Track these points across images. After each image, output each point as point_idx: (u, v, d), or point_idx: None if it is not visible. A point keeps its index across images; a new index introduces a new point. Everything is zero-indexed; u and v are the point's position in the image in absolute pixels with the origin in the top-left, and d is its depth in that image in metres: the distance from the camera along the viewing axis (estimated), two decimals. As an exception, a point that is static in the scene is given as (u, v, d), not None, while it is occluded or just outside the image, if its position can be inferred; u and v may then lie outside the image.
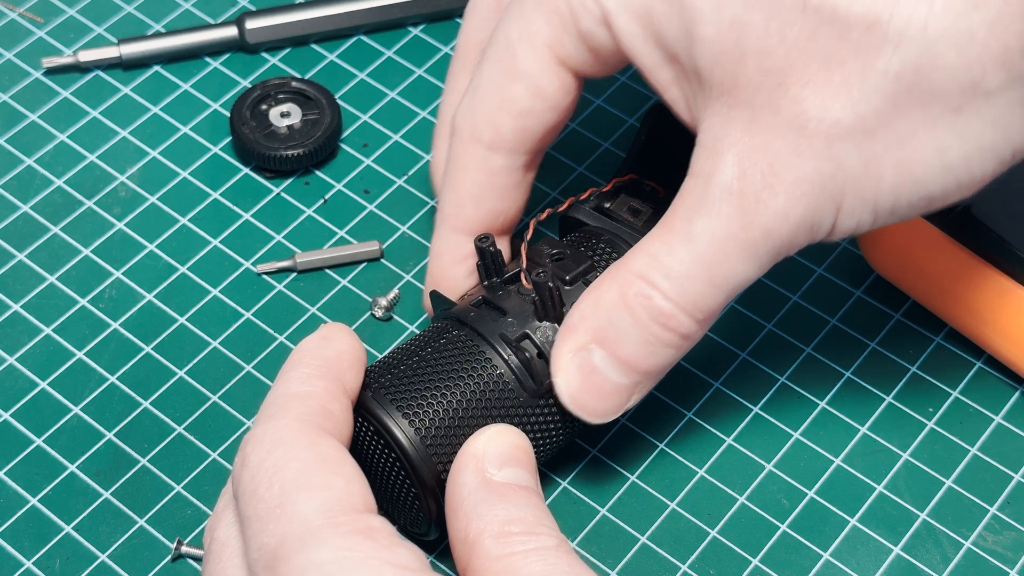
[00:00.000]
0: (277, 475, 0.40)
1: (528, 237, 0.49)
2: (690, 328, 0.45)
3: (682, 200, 0.44)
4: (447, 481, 0.43)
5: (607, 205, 0.51)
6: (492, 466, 0.43)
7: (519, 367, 0.46)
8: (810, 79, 0.41)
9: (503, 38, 0.47)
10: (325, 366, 0.44)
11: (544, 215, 0.50)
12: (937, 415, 0.53)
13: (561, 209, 0.51)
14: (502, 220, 0.50)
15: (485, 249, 0.48)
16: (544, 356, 0.46)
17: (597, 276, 0.47)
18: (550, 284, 0.46)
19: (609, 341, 0.45)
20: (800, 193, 0.42)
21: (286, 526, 0.39)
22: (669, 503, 0.50)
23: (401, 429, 0.45)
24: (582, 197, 0.51)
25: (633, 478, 0.51)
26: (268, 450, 0.41)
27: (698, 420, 0.52)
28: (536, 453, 0.46)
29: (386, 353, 0.48)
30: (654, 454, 0.52)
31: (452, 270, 0.50)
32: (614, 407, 0.46)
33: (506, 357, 0.46)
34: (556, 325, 0.47)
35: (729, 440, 0.52)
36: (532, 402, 0.46)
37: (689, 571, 0.49)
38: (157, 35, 0.62)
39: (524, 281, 0.47)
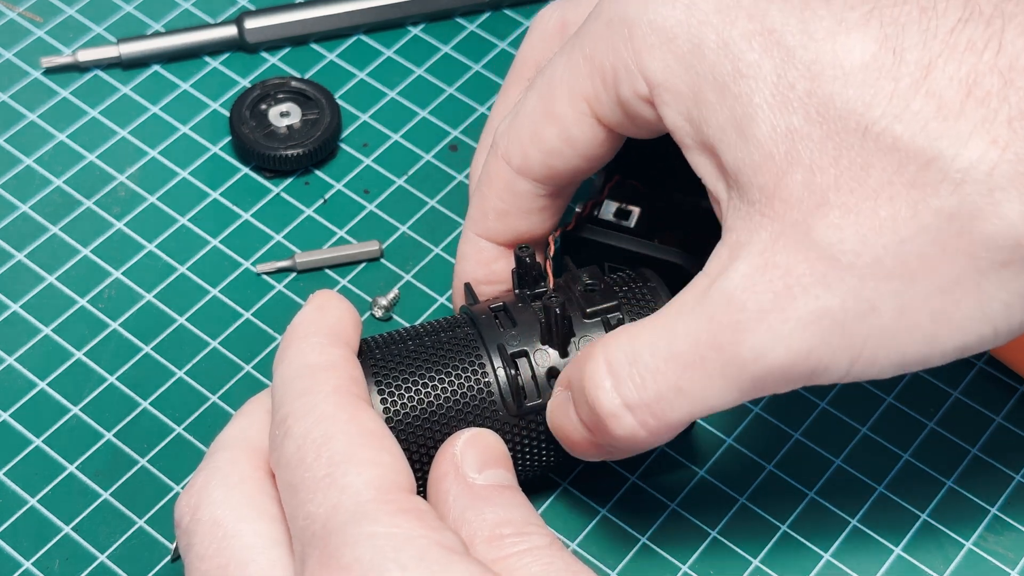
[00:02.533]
0: (325, 446, 0.40)
1: (551, 254, 0.49)
2: (633, 430, 0.42)
3: (685, 293, 0.42)
4: (427, 492, 0.43)
5: (596, 213, 0.52)
6: (472, 470, 0.43)
7: (505, 382, 0.46)
8: (855, 207, 0.39)
9: (549, 74, 0.46)
10: (332, 334, 0.44)
11: (558, 232, 0.50)
12: (938, 415, 0.52)
13: (570, 227, 0.51)
14: (526, 237, 0.49)
15: (523, 258, 0.47)
16: (536, 378, 0.46)
17: (619, 316, 0.47)
18: (557, 310, 0.46)
19: (573, 394, 0.44)
20: (814, 329, 0.39)
21: (336, 497, 0.39)
22: (669, 503, 0.50)
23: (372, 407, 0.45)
24: (584, 213, 0.51)
25: (633, 478, 0.51)
26: (313, 423, 0.40)
27: (698, 420, 0.52)
28: None
29: (396, 329, 0.48)
30: (654, 455, 0.51)
31: (476, 272, 0.50)
32: (581, 449, 0.45)
33: (496, 368, 0.46)
34: (556, 352, 0.46)
35: (729, 440, 0.52)
36: (510, 420, 0.46)
37: (689, 571, 0.49)
38: (156, 35, 0.62)
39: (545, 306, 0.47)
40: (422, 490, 0.44)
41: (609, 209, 0.52)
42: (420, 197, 0.58)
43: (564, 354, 0.46)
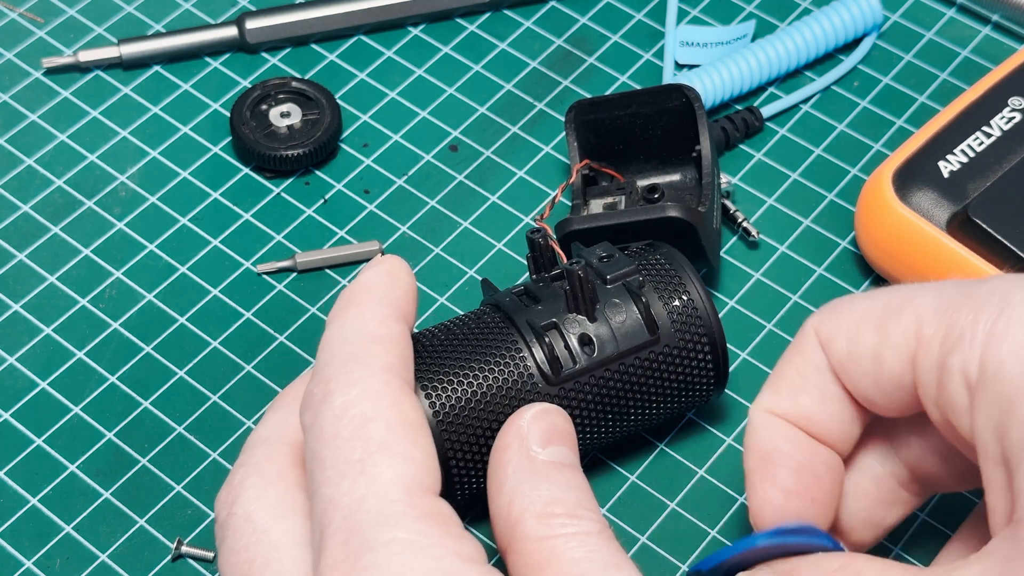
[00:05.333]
0: (362, 428, 0.39)
1: (550, 235, 0.49)
2: None
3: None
4: (490, 459, 0.43)
5: (584, 212, 0.52)
6: (536, 444, 0.42)
7: (541, 355, 0.46)
8: None
9: (901, 291, 0.42)
10: (396, 307, 0.43)
11: (541, 217, 0.51)
12: (937, 415, 0.52)
13: (546, 215, 0.51)
14: (813, 423, 0.44)
15: (535, 241, 0.48)
16: (570, 348, 0.46)
17: (638, 279, 0.47)
18: (580, 274, 0.46)
19: None
20: None
21: (364, 489, 0.38)
22: (669, 503, 0.50)
23: None
24: (555, 199, 0.52)
25: (633, 478, 0.51)
26: (356, 398, 0.40)
27: (698, 420, 0.52)
28: None
29: (423, 329, 0.48)
30: (654, 454, 0.52)
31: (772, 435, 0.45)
32: None
33: (529, 342, 0.46)
34: (586, 319, 0.47)
35: (729, 440, 0.52)
36: (551, 391, 0.46)
37: (689, 571, 0.49)
38: (157, 35, 0.62)
39: (565, 276, 0.47)
40: (482, 472, 0.44)
41: (597, 207, 0.53)
42: (420, 197, 0.58)
43: (593, 319, 0.47)
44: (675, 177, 0.55)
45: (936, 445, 0.44)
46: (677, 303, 0.48)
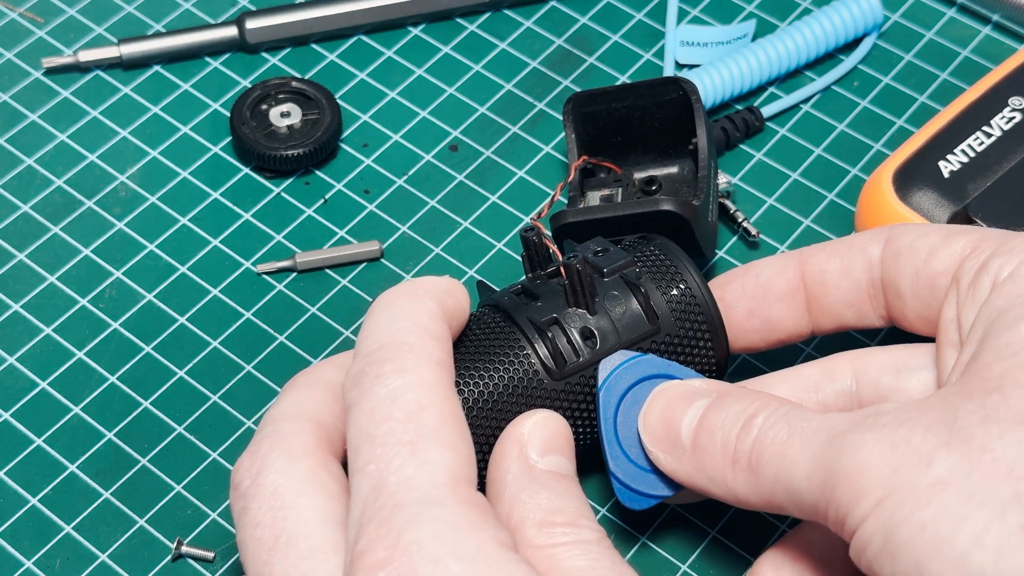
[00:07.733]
0: (416, 414, 0.40)
1: (542, 231, 0.49)
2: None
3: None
4: (489, 465, 0.43)
5: (581, 204, 0.52)
6: (535, 452, 0.43)
7: (544, 352, 0.46)
8: None
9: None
10: (448, 314, 0.44)
11: (538, 215, 0.51)
12: (937, 415, 0.52)
13: (544, 214, 0.51)
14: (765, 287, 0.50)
15: (530, 240, 0.48)
16: (573, 342, 0.46)
17: (635, 271, 0.47)
18: (579, 268, 0.46)
19: None
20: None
21: (413, 470, 0.39)
22: (668, 503, 0.50)
23: None
24: (555, 197, 0.52)
25: (633, 478, 0.51)
26: (413, 384, 0.41)
27: (698, 420, 0.52)
28: None
29: None
30: (654, 454, 0.52)
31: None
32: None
33: (532, 339, 0.46)
34: (586, 312, 0.47)
35: (729, 440, 0.52)
36: (556, 386, 0.46)
37: (689, 571, 0.49)
38: (157, 35, 0.62)
39: (563, 272, 0.47)
40: (484, 476, 0.45)
41: (594, 199, 0.53)
42: (420, 197, 0.58)
43: (593, 312, 0.47)
44: (673, 170, 0.55)
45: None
46: (675, 292, 0.48)
